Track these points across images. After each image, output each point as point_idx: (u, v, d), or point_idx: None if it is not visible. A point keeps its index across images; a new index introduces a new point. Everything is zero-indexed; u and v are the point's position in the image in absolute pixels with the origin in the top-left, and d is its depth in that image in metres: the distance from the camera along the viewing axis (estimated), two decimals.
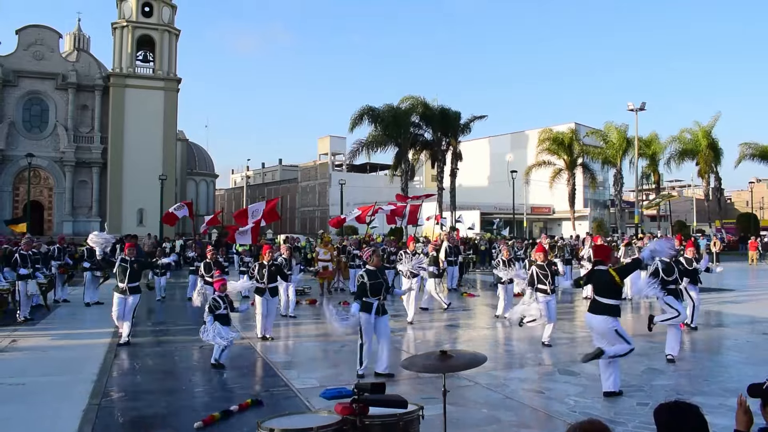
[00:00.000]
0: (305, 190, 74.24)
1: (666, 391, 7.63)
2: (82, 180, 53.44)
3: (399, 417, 3.91)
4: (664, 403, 2.87)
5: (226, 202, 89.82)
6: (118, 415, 7.07)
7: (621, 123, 50.96)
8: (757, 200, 74.58)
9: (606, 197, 67.69)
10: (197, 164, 71.67)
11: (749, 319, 14.14)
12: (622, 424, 6.44)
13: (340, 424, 3.83)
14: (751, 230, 51.12)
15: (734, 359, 10.10)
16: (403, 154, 46.72)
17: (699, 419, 2.74)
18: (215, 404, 7.31)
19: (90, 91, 53.65)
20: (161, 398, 7.79)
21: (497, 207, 54.77)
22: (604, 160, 53.43)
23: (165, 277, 18.92)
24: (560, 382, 8.44)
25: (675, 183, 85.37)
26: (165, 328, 13.60)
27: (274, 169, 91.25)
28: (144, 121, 52.69)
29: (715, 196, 55.33)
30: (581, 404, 7.31)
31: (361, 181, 64.66)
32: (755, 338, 11.90)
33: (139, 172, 51.56)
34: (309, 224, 68.54)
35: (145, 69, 55.69)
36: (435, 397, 6.87)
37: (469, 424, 6.55)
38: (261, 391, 8.00)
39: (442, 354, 4.28)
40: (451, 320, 14.48)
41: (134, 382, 8.68)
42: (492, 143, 72.41)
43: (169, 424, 6.78)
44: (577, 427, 2.74)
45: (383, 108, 45.59)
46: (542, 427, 6.55)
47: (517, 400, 7.53)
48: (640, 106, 39.01)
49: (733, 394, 7.59)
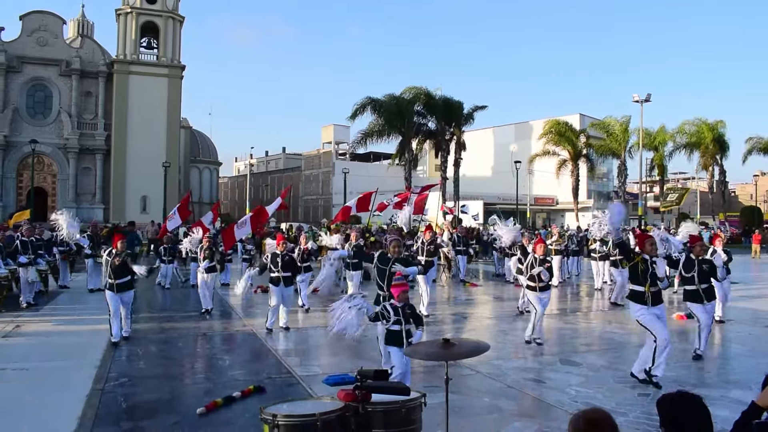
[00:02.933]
0: (309, 178, 74.11)
1: (668, 382, 7.62)
2: (86, 167, 53.46)
3: (401, 404, 3.92)
4: (667, 393, 2.88)
5: (229, 190, 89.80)
6: (121, 400, 7.10)
7: (622, 116, 50.77)
8: (761, 193, 74.27)
9: (610, 189, 67.56)
10: (201, 152, 71.64)
11: (752, 311, 14.13)
12: (623, 414, 6.44)
13: (342, 410, 3.83)
14: (754, 223, 51.02)
15: (737, 352, 10.12)
16: (406, 144, 46.58)
17: (702, 410, 2.73)
18: (218, 390, 7.34)
19: (94, 78, 53.55)
20: (164, 384, 7.82)
21: (501, 197, 54.68)
22: (607, 152, 53.26)
23: (173, 265, 18.89)
24: (562, 372, 8.45)
25: (679, 176, 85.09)
26: (168, 315, 13.63)
27: (277, 157, 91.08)
28: (148, 109, 52.65)
29: (719, 188, 55.18)
30: (583, 394, 7.32)
31: (364, 170, 64.47)
32: (758, 331, 11.90)
33: (143, 160, 51.60)
34: (312, 213, 68.45)
35: (149, 56, 55.59)
36: (437, 386, 6.90)
37: (470, 412, 6.57)
38: (264, 377, 8.02)
39: (445, 342, 4.28)
40: (454, 310, 14.49)
41: (137, 368, 8.72)
42: (496, 133, 72.24)
43: (172, 409, 6.81)
44: (581, 416, 2.74)
45: (385, 98, 45.42)
46: (543, 417, 6.56)
47: (518, 389, 7.54)
48: (645, 98, 38.87)
49: (735, 386, 7.62)
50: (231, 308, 14.57)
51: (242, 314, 13.73)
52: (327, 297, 16.21)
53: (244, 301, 15.55)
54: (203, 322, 12.58)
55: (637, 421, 6.25)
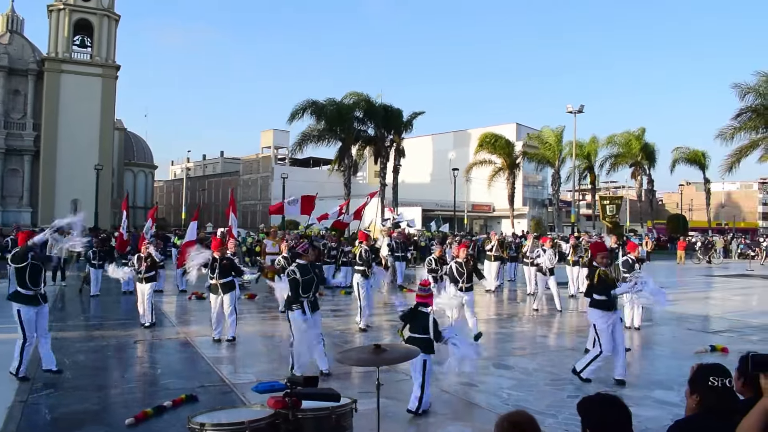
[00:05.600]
0: (247, 183, 73.23)
1: (595, 383, 7.87)
2: (13, 168, 51.35)
3: (331, 410, 3.93)
4: (586, 396, 2.96)
5: (165, 194, 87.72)
6: (46, 411, 6.85)
7: (557, 126, 52.12)
8: (686, 202, 77.61)
9: (545, 196, 69.23)
10: (135, 154, 69.77)
11: (676, 315, 14.72)
12: (552, 416, 6.64)
13: (272, 417, 3.81)
14: (680, 230, 53.20)
15: (661, 353, 10.52)
16: (346, 149, 46.56)
17: (622, 410, 2.82)
18: (148, 400, 7.18)
19: (23, 76, 51.55)
20: (92, 394, 7.58)
21: (439, 204, 55.30)
22: (542, 161, 54.56)
23: (101, 270, 18.28)
24: (495, 375, 8.63)
25: (610, 184, 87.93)
26: (98, 323, 13.21)
27: (215, 161, 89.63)
28: (80, 109, 50.89)
29: (648, 197, 57.33)
30: (514, 397, 7.49)
31: (303, 175, 64.15)
32: (681, 333, 12.41)
33: (74, 161, 49.82)
34: (251, 218, 67.64)
35: (83, 54, 53.81)
36: (371, 392, 6.92)
37: (403, 417, 6.62)
38: (196, 386, 7.87)
39: (376, 348, 4.31)
40: (391, 316, 14.52)
41: (63, 378, 8.39)
42: (435, 141, 73.10)
43: (100, 420, 6.61)
44: (505, 419, 2.82)
45: (326, 102, 45.33)
46: (475, 419, 6.68)
47: (451, 393, 7.65)
48: (578, 109, 40.02)
49: (658, 387, 7.93)
50: (164, 315, 14.23)
51: (176, 321, 13.45)
52: (262, 304, 16.07)
53: (177, 308, 15.22)
54: (135, 329, 12.23)
55: (566, 422, 6.42)
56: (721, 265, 36.72)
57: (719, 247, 43.00)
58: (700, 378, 2.96)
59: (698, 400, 2.94)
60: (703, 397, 2.92)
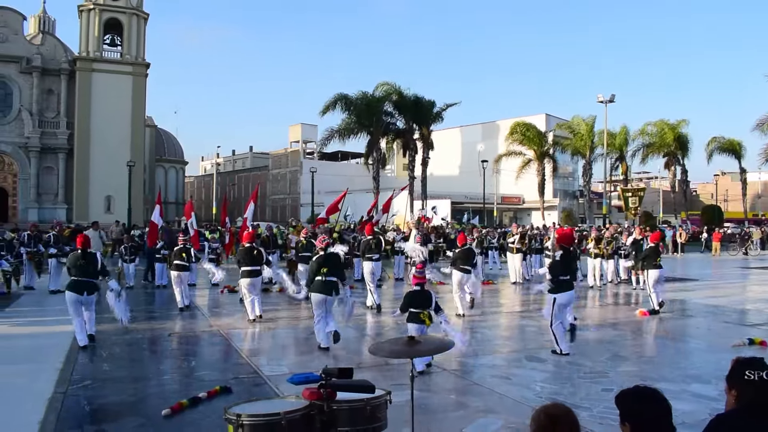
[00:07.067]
0: (276, 177, 73.71)
1: (630, 377, 7.77)
2: (48, 166, 52.37)
3: (366, 402, 3.92)
4: (625, 389, 2.92)
5: (195, 189, 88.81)
6: (85, 403, 6.99)
7: (588, 115, 51.46)
8: (721, 193, 76.06)
9: (575, 188, 68.44)
10: (166, 151, 70.74)
11: (711, 308, 14.46)
12: (587, 409, 6.55)
13: (307, 409, 3.83)
14: (715, 222, 52.19)
15: (696, 346, 10.34)
16: (375, 143, 46.49)
17: (661, 404, 2.78)
18: (184, 391, 7.27)
19: (56, 75, 52.50)
20: (128, 386, 7.71)
21: (468, 196, 55.01)
22: (573, 152, 53.97)
23: (134, 264, 18.63)
24: (527, 368, 8.56)
25: (643, 175, 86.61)
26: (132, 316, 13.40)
27: (244, 156, 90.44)
28: (111, 107, 51.70)
29: (681, 188, 56.35)
30: (547, 390, 7.42)
31: (332, 169, 64.40)
32: (717, 326, 12.17)
33: (107, 159, 50.63)
34: (280, 212, 68.13)
35: (113, 53, 54.61)
36: (403, 383, 6.92)
37: (436, 409, 6.61)
38: (230, 378, 7.96)
39: (410, 339, 4.30)
40: None
41: (101, 370, 8.58)
42: (464, 132, 72.62)
43: (136, 411, 6.72)
44: (542, 411, 2.78)
45: (357, 95, 45.25)
46: (508, 412, 6.63)
47: (484, 385, 7.62)
48: (609, 98, 39.47)
49: (694, 380, 7.79)
50: (197, 308, 14.41)
51: (208, 314, 13.61)
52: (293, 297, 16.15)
53: (210, 301, 15.40)
54: (169, 322, 12.43)
55: (601, 416, 6.35)
56: (758, 257, 35.97)
57: (756, 239, 42.08)
58: (737, 372, 2.89)
59: (736, 395, 2.88)
60: (741, 391, 2.85)
